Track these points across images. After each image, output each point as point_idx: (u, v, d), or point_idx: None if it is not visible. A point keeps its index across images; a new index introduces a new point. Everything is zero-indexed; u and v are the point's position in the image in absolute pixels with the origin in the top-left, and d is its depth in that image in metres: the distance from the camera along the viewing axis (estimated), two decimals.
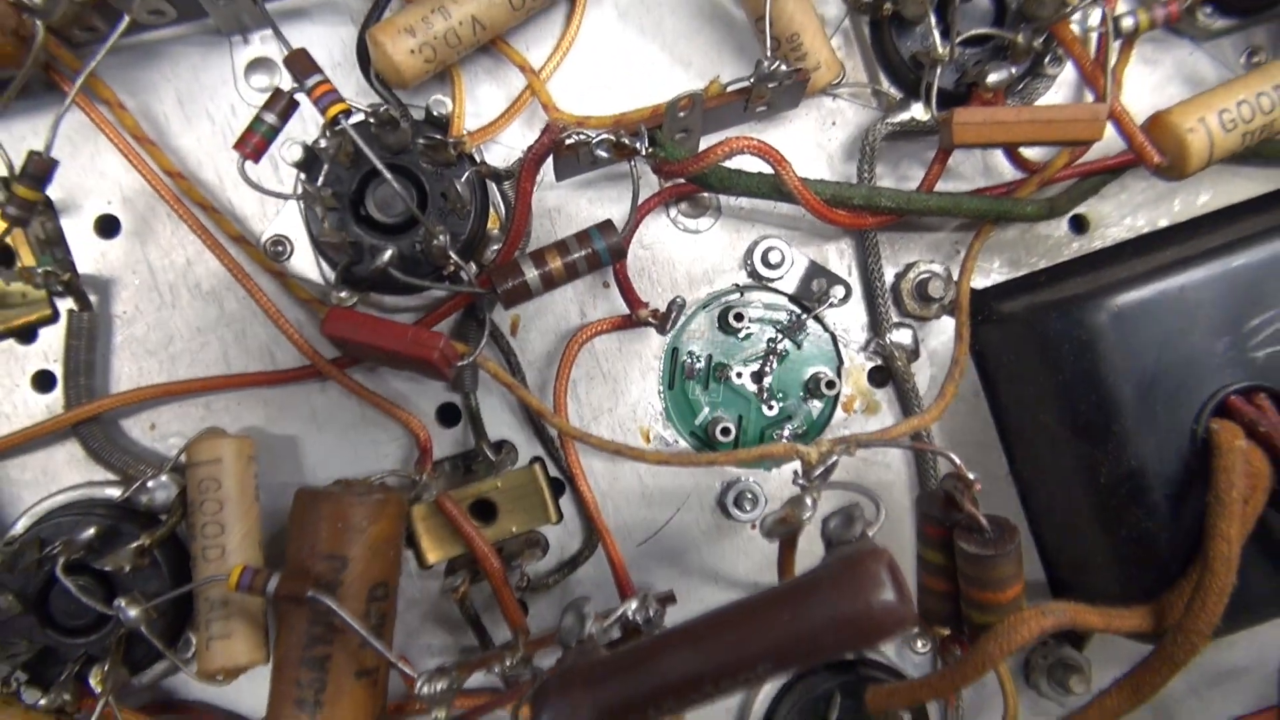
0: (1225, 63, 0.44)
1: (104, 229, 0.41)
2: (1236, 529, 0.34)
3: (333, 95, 0.34)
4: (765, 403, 0.43)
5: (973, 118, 0.36)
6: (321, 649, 0.37)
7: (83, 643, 0.38)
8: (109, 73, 0.40)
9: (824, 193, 0.38)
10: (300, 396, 0.42)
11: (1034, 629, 0.34)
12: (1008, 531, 0.34)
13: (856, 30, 0.43)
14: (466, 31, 0.38)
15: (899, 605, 0.26)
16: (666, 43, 0.43)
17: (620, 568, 0.40)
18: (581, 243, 0.37)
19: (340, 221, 0.37)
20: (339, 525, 0.37)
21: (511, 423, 0.43)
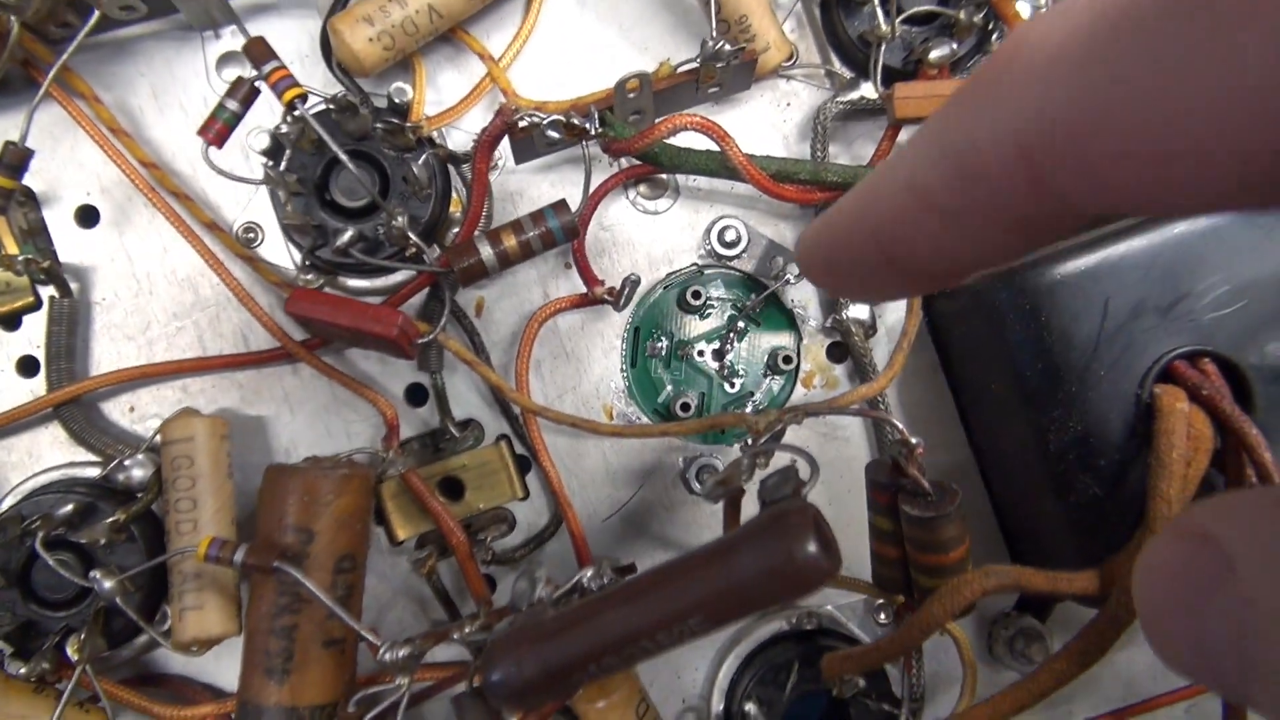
0: None
1: (84, 218, 0.43)
2: (1177, 489, 0.34)
3: (288, 80, 0.35)
4: (727, 380, 0.44)
5: (913, 92, 0.37)
6: (289, 619, 0.38)
7: (64, 616, 0.40)
8: (85, 67, 0.42)
9: (769, 168, 0.39)
10: (273, 379, 0.43)
11: (976, 590, 0.34)
12: (949, 494, 0.35)
13: (808, 13, 0.44)
14: (424, 20, 0.40)
15: (821, 556, 0.27)
16: (624, 28, 0.44)
17: (580, 540, 0.41)
18: (536, 222, 0.38)
19: (305, 206, 0.39)
20: (306, 499, 0.38)
21: (478, 402, 0.44)
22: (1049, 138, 0.16)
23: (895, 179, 0.20)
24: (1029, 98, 0.16)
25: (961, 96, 0.18)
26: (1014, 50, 0.17)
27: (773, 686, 0.42)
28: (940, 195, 0.18)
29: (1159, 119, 0.14)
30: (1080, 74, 0.15)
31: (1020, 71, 0.16)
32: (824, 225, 0.23)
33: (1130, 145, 0.15)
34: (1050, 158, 0.16)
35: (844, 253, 0.23)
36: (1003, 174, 0.17)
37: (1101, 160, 0.15)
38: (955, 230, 0.19)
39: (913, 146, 0.20)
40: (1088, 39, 0.15)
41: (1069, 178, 0.16)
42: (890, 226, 0.20)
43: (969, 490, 0.44)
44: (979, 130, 0.17)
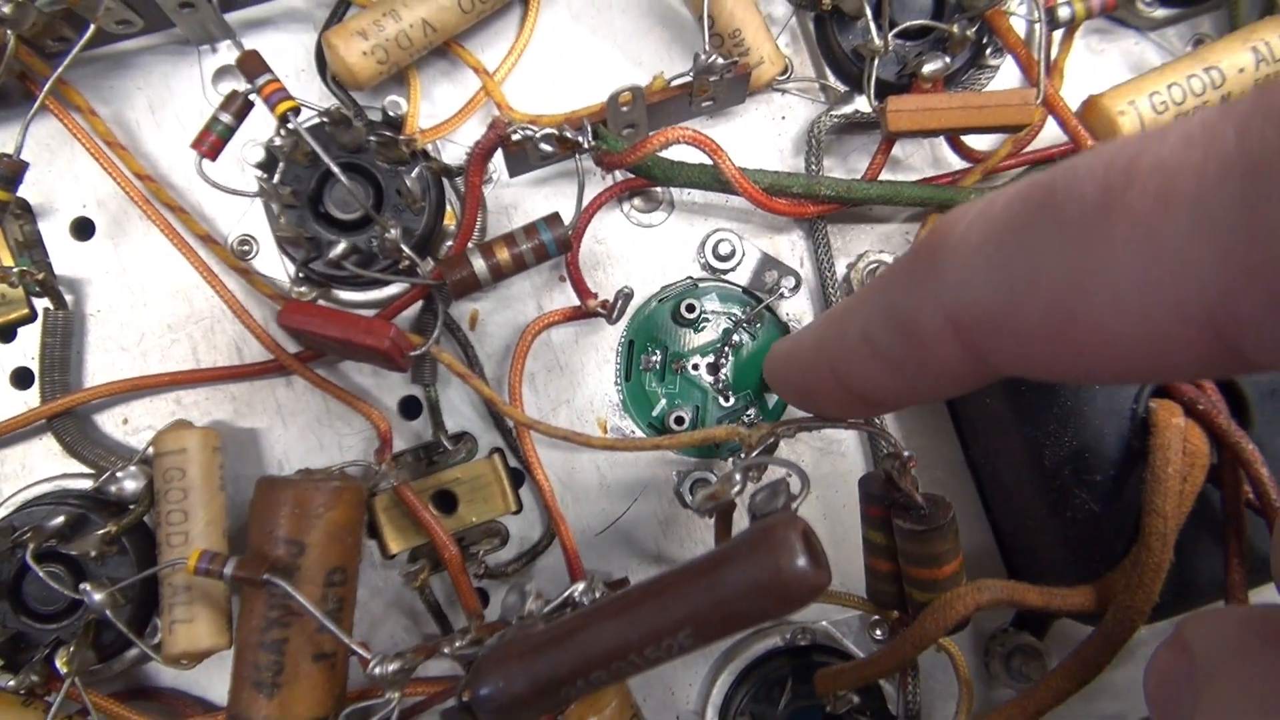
0: (1172, 52, 0.44)
1: (79, 231, 0.43)
2: (1172, 505, 0.34)
3: (281, 93, 0.35)
4: (721, 394, 0.44)
5: (905, 105, 0.37)
6: (279, 632, 0.38)
7: (54, 628, 0.40)
8: (82, 81, 0.42)
9: (762, 181, 0.39)
10: (266, 391, 0.43)
11: (969, 604, 0.34)
12: (942, 507, 0.34)
13: (803, 27, 0.44)
14: (418, 34, 0.40)
15: (810, 571, 0.27)
16: (618, 42, 0.44)
17: (573, 554, 0.40)
18: (529, 235, 0.38)
19: (299, 219, 0.39)
20: (297, 511, 0.38)
21: (472, 415, 0.44)
22: (972, 317, 0.19)
23: (850, 328, 0.24)
24: (956, 281, 0.19)
25: (904, 267, 0.21)
26: (944, 236, 0.20)
27: (766, 703, 0.42)
28: (887, 349, 0.22)
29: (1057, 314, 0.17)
30: (994, 269, 0.18)
31: (949, 256, 0.20)
32: (790, 353, 0.28)
33: (1036, 331, 0.18)
34: (974, 332, 0.19)
35: (808, 382, 0.27)
36: (937, 339, 0.20)
37: (1014, 340, 0.18)
38: (901, 376, 0.23)
39: (865, 300, 0.24)
40: (1000, 238, 0.18)
41: (992, 351, 0.19)
42: (846, 366, 0.24)
43: (965, 504, 0.44)
44: (916, 301, 0.21)
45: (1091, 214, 0.16)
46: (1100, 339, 0.17)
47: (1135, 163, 0.16)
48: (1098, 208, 0.16)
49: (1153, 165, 0.15)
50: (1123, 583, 0.35)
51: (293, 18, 0.43)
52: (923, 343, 0.21)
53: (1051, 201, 0.17)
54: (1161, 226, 0.15)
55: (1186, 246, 0.15)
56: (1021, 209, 0.18)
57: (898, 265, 0.22)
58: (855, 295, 0.25)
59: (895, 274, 0.22)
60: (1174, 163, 0.15)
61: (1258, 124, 0.14)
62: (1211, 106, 0.15)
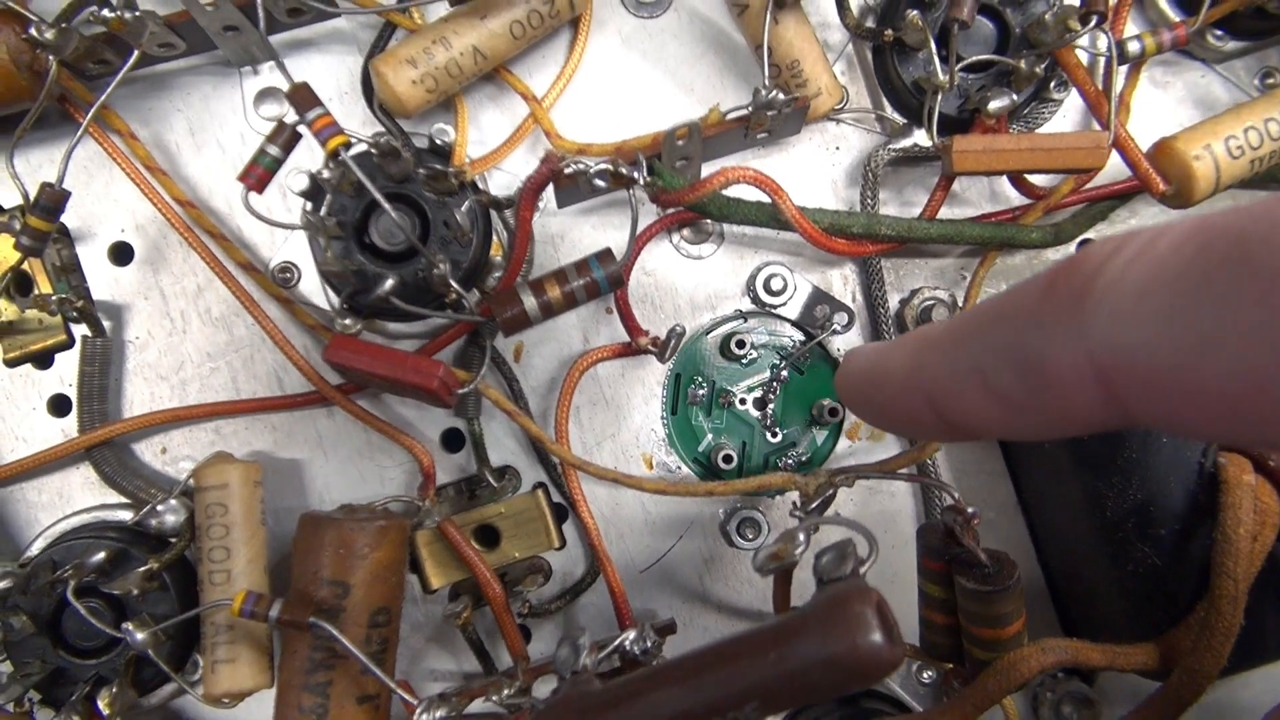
0: (1239, 84, 0.43)
1: (118, 256, 0.42)
2: (1244, 568, 0.33)
3: (333, 128, 0.34)
4: (769, 429, 0.43)
5: (971, 146, 0.36)
6: (323, 674, 0.37)
7: (94, 664, 0.39)
8: (122, 103, 0.41)
9: (822, 221, 0.38)
10: (307, 421, 0.42)
11: (1034, 666, 0.33)
12: (1007, 567, 0.34)
13: (859, 55, 0.43)
14: (468, 62, 0.39)
15: (885, 648, 0.26)
16: (669, 69, 0.43)
17: (620, 597, 0.40)
18: (580, 272, 0.37)
19: (345, 250, 0.38)
20: (341, 552, 0.37)
21: (515, 448, 0.43)
22: (1129, 372, 0.17)
23: (960, 359, 0.22)
24: (1113, 332, 0.17)
25: (1035, 302, 0.19)
26: (1093, 275, 0.18)
27: None
28: (1006, 388, 0.20)
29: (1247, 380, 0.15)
30: (1170, 323, 0.16)
31: (1101, 299, 0.18)
32: (876, 372, 0.26)
33: (1216, 395, 0.16)
34: (1128, 388, 0.17)
35: (896, 407, 0.25)
36: (1077, 390, 0.18)
37: (1183, 400, 0.17)
38: (1016, 415, 0.21)
39: (979, 330, 0.21)
40: (1176, 288, 0.16)
41: (1143, 405, 0.18)
42: (949, 398, 0.22)
43: (1015, 545, 0.43)
44: (1054, 345, 0.19)
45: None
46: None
47: None
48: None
49: None
50: (1189, 643, 0.35)
51: (336, 39, 0.42)
52: (1055, 388, 0.19)
53: (1244, 255, 0.15)
54: None
55: None
56: (1201, 258, 0.16)
57: (1025, 299, 0.20)
58: (962, 321, 0.23)
59: (1022, 308, 0.20)
60: None
61: None
62: None
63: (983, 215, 0.42)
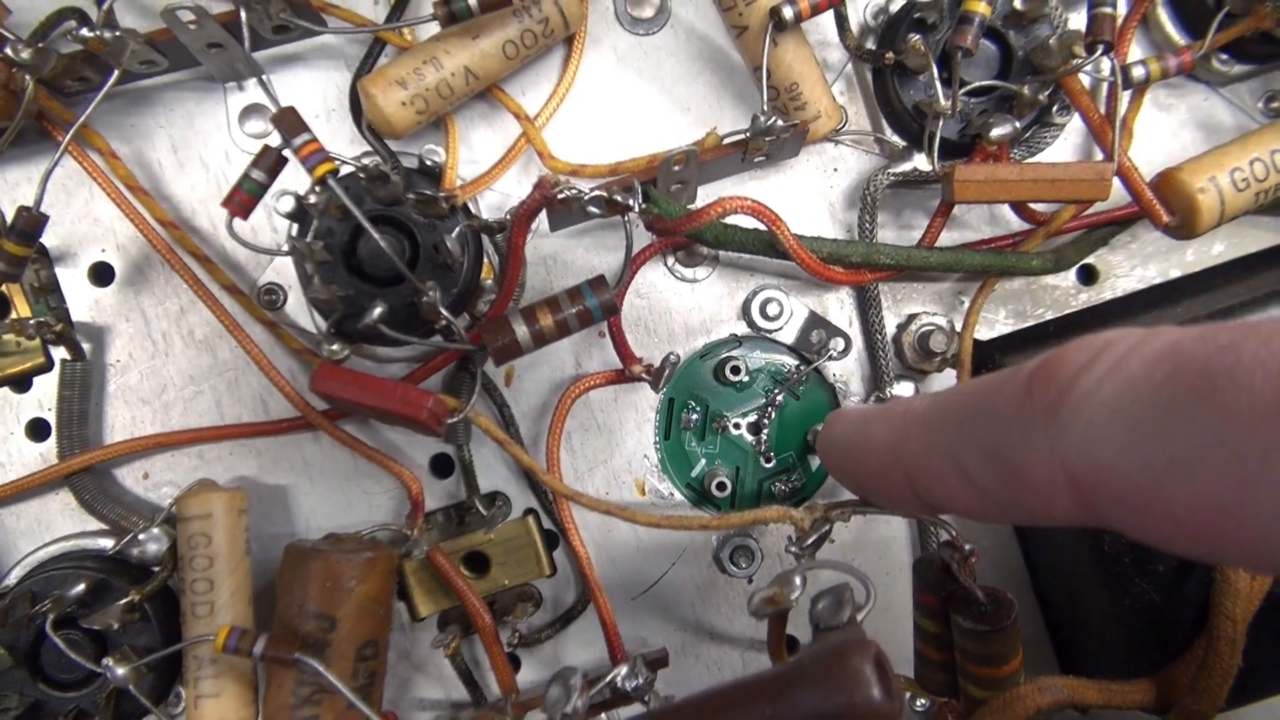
0: (1244, 108, 0.42)
1: (98, 277, 0.41)
2: (1242, 609, 0.33)
3: (320, 155, 0.33)
4: (763, 455, 0.42)
5: (973, 175, 0.35)
6: (309, 710, 0.36)
7: (74, 696, 0.38)
8: (102, 119, 0.40)
9: (820, 250, 0.37)
10: (293, 447, 0.42)
11: (1030, 706, 0.33)
12: (1005, 606, 0.33)
13: (859, 76, 0.42)
14: (459, 82, 0.38)
15: (884, 704, 0.26)
16: (665, 87, 0.42)
17: (611, 627, 0.39)
18: (573, 299, 0.36)
19: (331, 274, 0.37)
20: (327, 584, 0.36)
21: (506, 474, 0.42)
22: (1101, 485, 0.18)
23: (938, 447, 0.23)
24: (1085, 448, 0.18)
25: (1012, 405, 0.20)
26: (1067, 386, 0.19)
27: None
28: (983, 482, 0.21)
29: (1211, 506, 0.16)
30: (1136, 445, 0.17)
31: (1074, 411, 0.18)
32: (856, 445, 0.27)
33: (1181, 515, 0.17)
34: (1100, 499, 0.18)
35: (875, 481, 0.26)
36: (1050, 491, 0.19)
37: (1149, 516, 0.17)
38: (992, 507, 0.22)
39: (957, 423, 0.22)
40: (1145, 410, 0.17)
41: (1115, 516, 0.18)
42: (926, 482, 0.23)
43: (1010, 577, 0.43)
44: (1031, 449, 0.19)
45: (1263, 413, 0.15)
46: (1259, 539, 0.16)
47: None
48: (1271, 409, 0.15)
49: None
50: (1186, 681, 0.34)
51: (325, 54, 0.41)
52: (1031, 489, 0.20)
53: (1209, 387, 0.16)
54: None
55: None
56: (1168, 385, 0.17)
57: (1002, 400, 0.21)
58: (943, 406, 0.24)
59: (999, 408, 0.21)
60: None
61: None
62: None
63: (982, 240, 0.41)
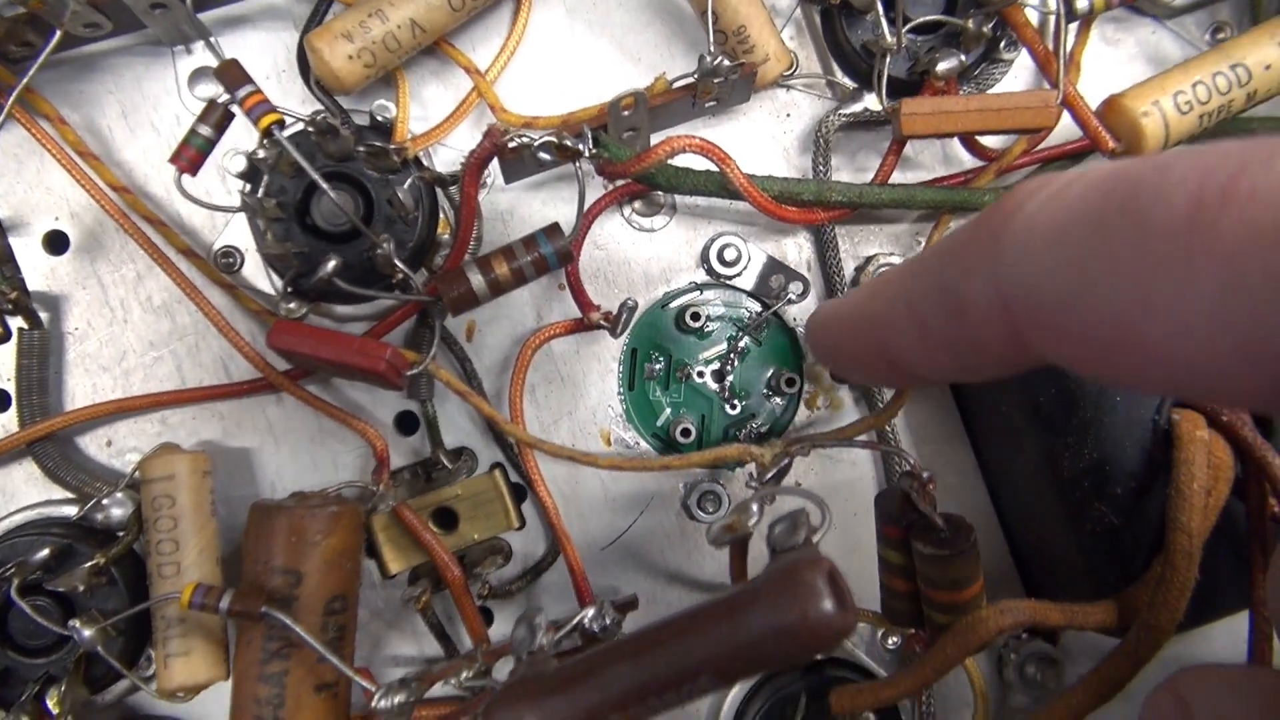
0: (1190, 40, 0.43)
1: (53, 245, 0.41)
2: (1198, 522, 0.33)
3: (265, 106, 0.33)
4: (727, 402, 0.43)
5: (920, 108, 0.35)
6: (279, 664, 0.36)
7: (43, 663, 0.38)
8: (50, 86, 0.40)
9: (772, 189, 0.37)
10: (256, 409, 0.42)
11: (992, 629, 0.33)
12: (963, 530, 0.33)
13: (808, 20, 0.42)
14: (406, 35, 0.38)
15: (837, 615, 0.26)
16: (615, 38, 0.42)
17: (580, 575, 0.39)
18: (528, 248, 0.37)
19: (285, 231, 0.37)
20: (293, 539, 0.37)
21: (470, 429, 0.42)
22: (1028, 306, 0.18)
23: (898, 300, 0.23)
24: (1015, 269, 0.19)
25: (962, 242, 0.21)
26: (1009, 215, 0.19)
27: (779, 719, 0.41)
28: (934, 325, 0.22)
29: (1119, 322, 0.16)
30: (1059, 265, 0.17)
31: (1012, 238, 0.19)
32: (832, 318, 0.28)
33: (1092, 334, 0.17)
34: (1026, 321, 0.19)
35: (849, 350, 0.27)
36: (987, 321, 0.20)
37: (1066, 336, 0.18)
38: (945, 352, 0.22)
39: (915, 272, 0.23)
40: (1072, 230, 0.17)
41: (1037, 339, 0.19)
42: (890, 338, 0.24)
43: (977, 510, 0.43)
44: (971, 281, 0.20)
45: (1177, 229, 0.15)
46: (1158, 357, 0.16)
47: (1234, 183, 0.14)
48: (1185, 224, 0.15)
49: (1251, 191, 0.14)
50: (1146, 599, 0.35)
51: (271, 15, 0.41)
52: (970, 323, 0.20)
53: (1134, 204, 0.16)
54: (1248, 264, 0.14)
55: (1272, 292, 0.14)
56: (1100, 201, 0.17)
57: (954, 239, 0.21)
58: (905, 265, 0.24)
59: (951, 249, 0.21)
60: (1275, 195, 0.14)
61: None
62: None
63: (935, 179, 0.41)
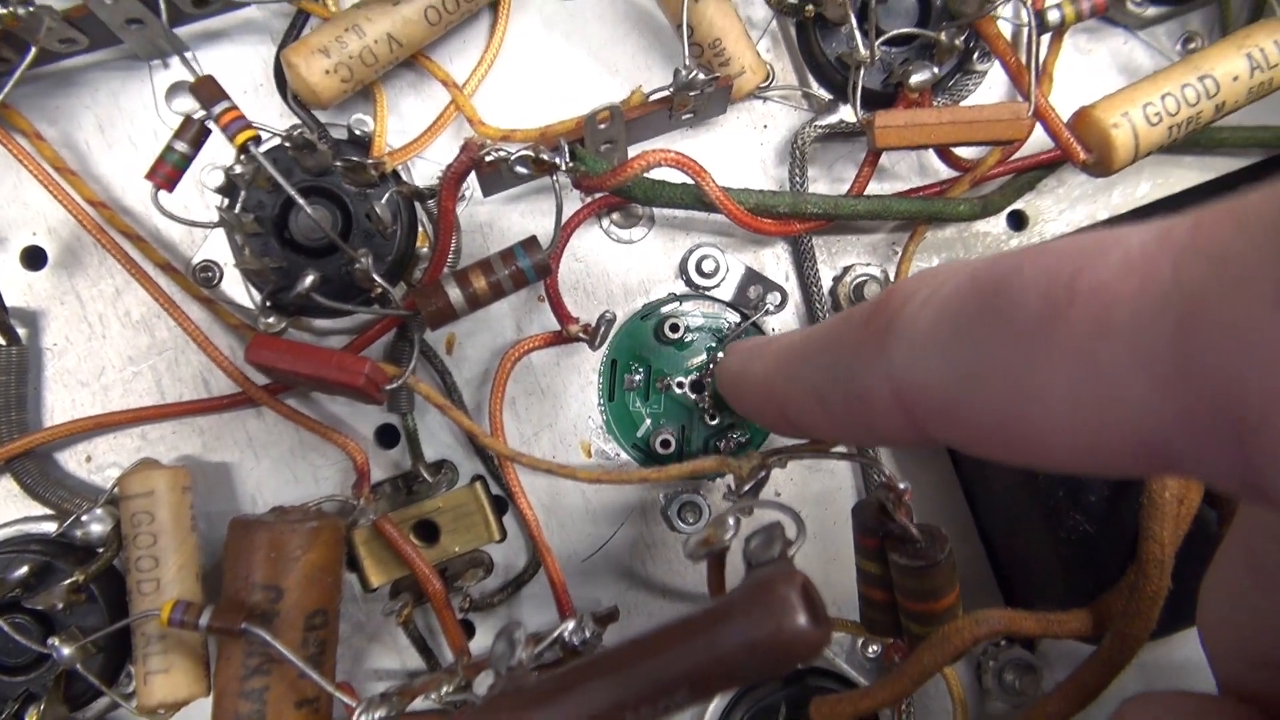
0: (1161, 51, 0.43)
1: (30, 260, 0.41)
2: (1169, 531, 0.34)
3: (240, 122, 0.33)
4: (707, 413, 0.43)
5: (893, 121, 0.36)
6: (259, 680, 0.36)
7: (22, 681, 0.38)
8: (26, 101, 0.40)
9: (747, 201, 0.37)
10: (236, 424, 0.42)
11: (968, 638, 0.33)
12: (938, 541, 0.34)
13: (784, 32, 0.42)
14: (383, 49, 0.38)
15: (810, 629, 0.26)
16: (593, 50, 0.42)
17: (561, 587, 0.39)
18: (506, 261, 0.37)
19: (264, 246, 0.37)
20: (273, 555, 0.37)
21: (451, 441, 0.42)
22: (919, 401, 0.20)
23: (801, 381, 0.25)
24: (905, 367, 0.20)
25: (855, 335, 0.22)
26: (895, 313, 0.20)
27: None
28: (834, 409, 0.24)
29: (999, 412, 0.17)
30: (941, 363, 0.19)
31: (898, 336, 0.20)
32: (740, 379, 0.30)
33: (980, 423, 0.18)
34: (920, 414, 0.20)
35: (755, 410, 0.29)
36: (884, 413, 0.21)
37: (959, 427, 0.19)
38: (847, 430, 0.25)
39: (816, 355, 0.25)
40: (947, 329, 0.19)
41: (934, 428, 0.20)
42: (792, 411, 0.26)
43: (955, 518, 0.43)
44: (867, 375, 0.21)
45: (1034, 324, 0.17)
46: (1041, 440, 0.17)
47: (1077, 279, 0.16)
48: (1040, 319, 0.16)
49: (1092, 287, 0.16)
50: (1120, 607, 0.35)
51: (249, 29, 0.41)
52: (870, 412, 0.22)
53: (996, 303, 0.17)
54: (1098, 352, 0.15)
55: (1121, 375, 0.15)
56: (968, 302, 0.18)
57: (847, 329, 0.23)
58: (805, 342, 0.26)
59: (844, 338, 0.23)
60: (1113, 289, 0.15)
61: (1191, 262, 0.14)
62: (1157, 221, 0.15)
63: (911, 189, 0.42)
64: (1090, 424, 0.16)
